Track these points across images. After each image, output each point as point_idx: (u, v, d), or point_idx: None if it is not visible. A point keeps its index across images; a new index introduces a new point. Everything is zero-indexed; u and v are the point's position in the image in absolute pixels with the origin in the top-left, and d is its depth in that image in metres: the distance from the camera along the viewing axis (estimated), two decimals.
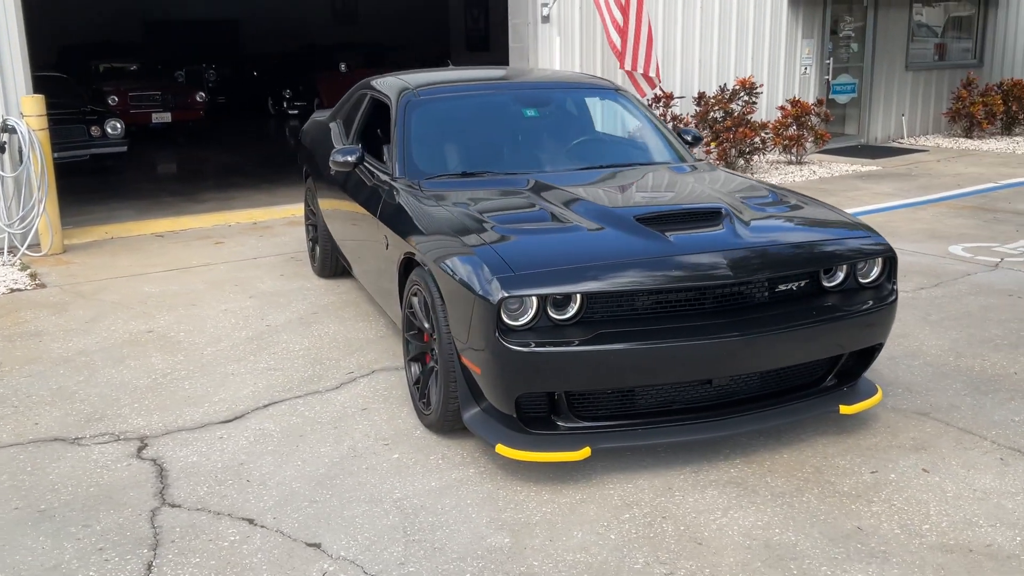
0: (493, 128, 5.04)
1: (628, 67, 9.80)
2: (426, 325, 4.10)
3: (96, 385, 4.75)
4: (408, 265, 4.25)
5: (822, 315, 3.69)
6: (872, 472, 3.68)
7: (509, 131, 5.05)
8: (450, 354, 3.74)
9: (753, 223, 3.89)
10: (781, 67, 12.33)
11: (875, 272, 3.93)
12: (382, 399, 4.49)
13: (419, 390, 4.19)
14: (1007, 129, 14.27)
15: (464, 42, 19.11)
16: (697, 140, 5.44)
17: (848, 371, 3.98)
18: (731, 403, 3.77)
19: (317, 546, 3.23)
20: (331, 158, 4.92)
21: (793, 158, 11.78)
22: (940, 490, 3.54)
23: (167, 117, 15.43)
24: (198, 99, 15.94)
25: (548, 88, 5.37)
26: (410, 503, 3.51)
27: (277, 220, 8.87)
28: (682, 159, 5.08)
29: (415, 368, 4.29)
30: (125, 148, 11.49)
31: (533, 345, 3.39)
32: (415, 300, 4.15)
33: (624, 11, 9.59)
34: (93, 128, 11.13)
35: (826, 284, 3.85)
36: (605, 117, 5.29)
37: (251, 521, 3.40)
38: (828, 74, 12.93)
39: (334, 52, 19.49)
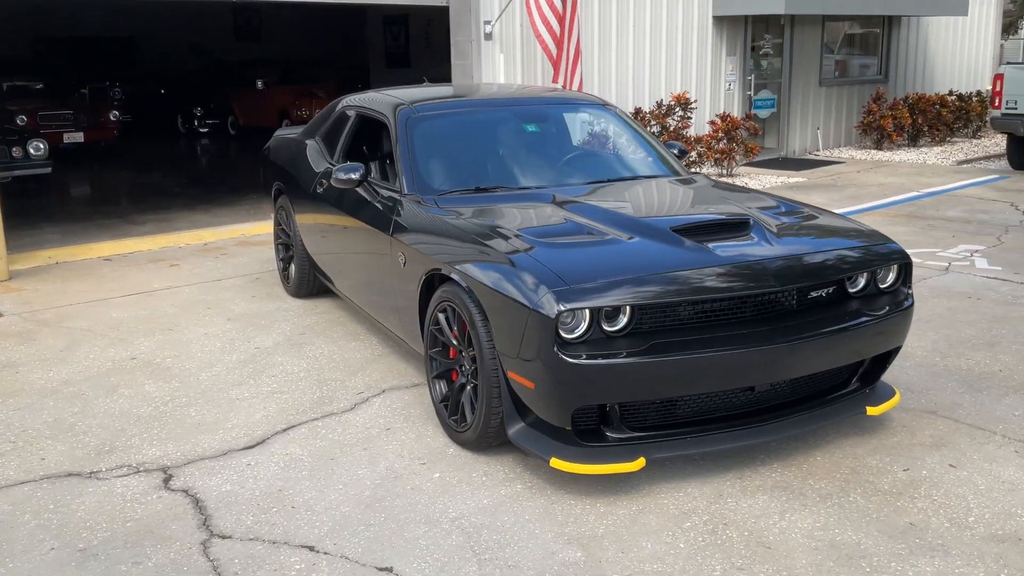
0: (497, 144, 5.04)
1: (560, 81, 9.92)
2: (454, 342, 4.07)
3: (94, 416, 4.54)
4: (432, 282, 4.22)
5: (853, 320, 3.82)
6: (905, 470, 3.83)
7: (513, 146, 5.07)
8: (494, 370, 3.72)
9: (781, 233, 4.01)
10: (708, 83, 12.70)
11: (891, 277, 4.10)
12: (403, 418, 4.43)
13: (448, 407, 4.15)
14: (913, 141, 15.02)
15: (384, 58, 19.00)
16: (683, 153, 5.57)
17: (868, 374, 4.13)
18: (766, 409, 3.86)
19: (389, 570, 3.17)
20: (333, 176, 4.84)
21: (724, 171, 12.12)
22: (972, 484, 3.70)
23: (79, 137, 14.84)
24: (111, 118, 15.39)
25: (542, 104, 5.41)
26: (468, 522, 3.47)
27: (227, 241, 8.64)
28: (677, 172, 5.19)
29: (440, 385, 4.25)
30: (49, 169, 11.00)
31: (592, 358, 3.40)
32: (442, 317, 4.12)
33: (561, 22, 9.71)
34: (15, 149, 10.62)
35: (850, 290, 3.99)
36: (600, 132, 5.36)
37: (312, 548, 3.31)
38: (750, 90, 13.38)
39: (246, 69, 19.12)
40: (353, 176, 4.81)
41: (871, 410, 4.01)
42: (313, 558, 3.25)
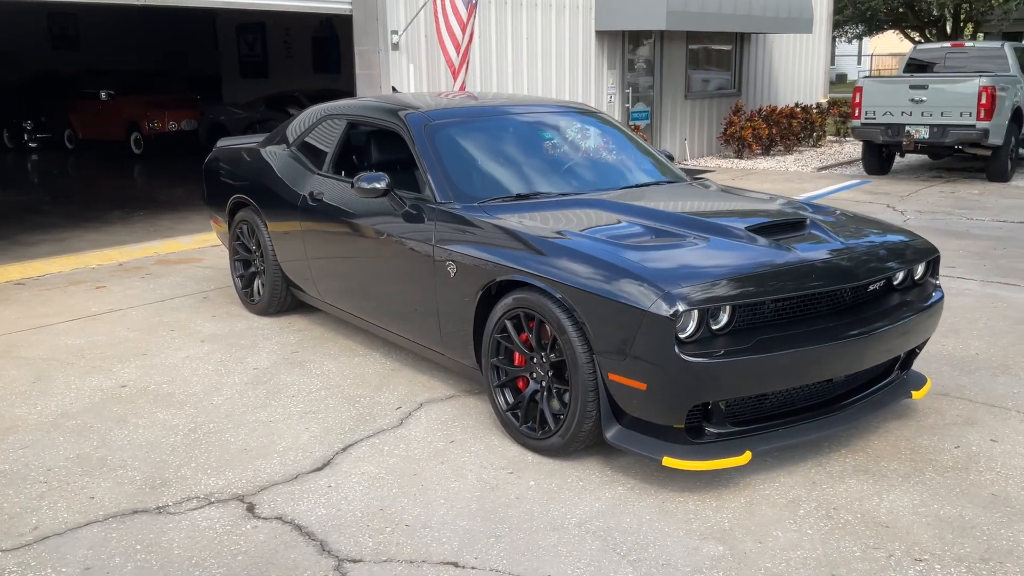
0: (519, 151, 5.03)
1: (456, 86, 9.96)
2: (526, 350, 4.05)
3: (119, 448, 4.19)
4: (490, 291, 4.17)
5: (910, 310, 4.09)
6: (956, 447, 4.13)
7: (534, 153, 5.07)
8: (590, 374, 3.73)
9: (838, 231, 4.23)
10: (592, 95, 13.08)
11: (920, 270, 4.41)
12: (459, 430, 4.35)
13: (519, 416, 4.12)
14: (766, 150, 16.02)
15: (238, 68, 18.30)
16: (671, 159, 5.76)
17: (905, 362, 4.43)
18: (833, 400, 4.07)
19: None
20: (356, 185, 4.68)
21: None
22: (1021, 456, 4.05)
23: None
24: None
25: (546, 112, 5.44)
26: (594, 526, 3.47)
27: (143, 260, 8.12)
28: (680, 176, 5.36)
29: (506, 394, 4.21)
30: None
31: (710, 356, 3.49)
32: (510, 324, 4.08)
33: (463, 29, 9.75)
34: None
35: (894, 283, 4.27)
36: (606, 139, 5.45)
37: (455, 564, 3.21)
38: (628, 102, 13.87)
39: (82, 80, 17.91)
40: (378, 185, 4.67)
41: (915, 394, 4.31)
42: (462, 573, 3.15)
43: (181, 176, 14.08)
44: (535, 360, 4.06)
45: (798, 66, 18.38)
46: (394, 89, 7.60)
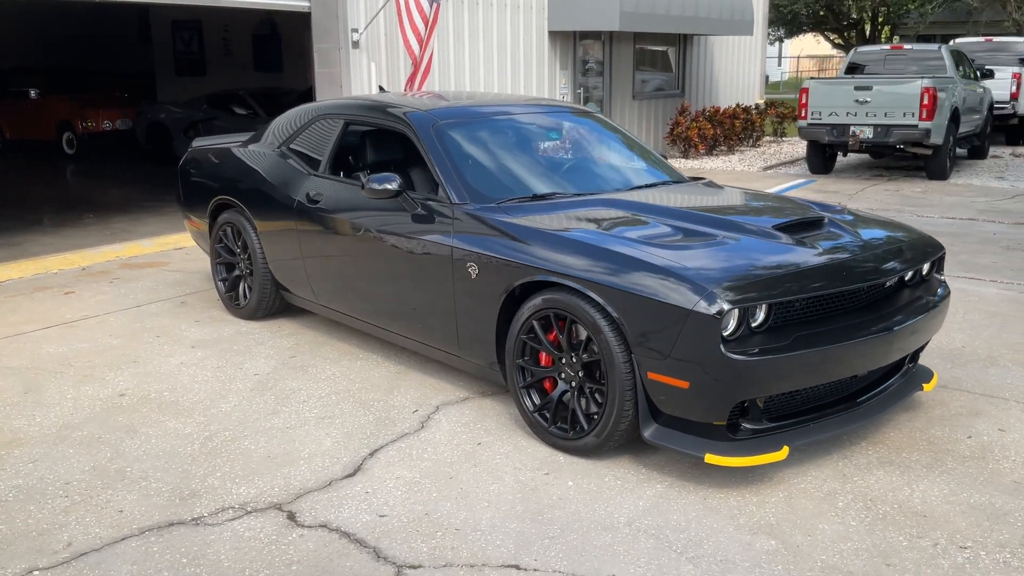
0: (528, 151, 5.02)
1: (416, 84, 9.91)
2: (555, 350, 4.05)
3: (135, 460, 4.05)
4: (513, 292, 4.16)
5: (927, 305, 4.22)
6: (968, 437, 4.27)
7: (554, 155, 5.07)
8: (627, 373, 3.75)
9: (854, 229, 4.33)
10: (546, 95, 13.12)
11: (926, 267, 4.54)
12: (484, 431, 4.33)
13: (548, 416, 4.12)
14: (710, 150, 16.30)
15: (173, 66, 17.82)
16: (665, 158, 5.82)
17: (913, 356, 4.55)
18: (853, 394, 4.16)
19: None
20: (367, 186, 4.61)
21: None
22: None
23: None
24: None
25: (544, 112, 5.44)
26: (644, 524, 3.49)
27: (106, 264, 7.86)
28: (681, 176, 5.42)
29: (532, 395, 4.20)
30: None
31: (753, 354, 3.54)
32: (537, 324, 4.08)
33: (426, 25, 9.69)
34: None
35: (905, 279, 4.39)
36: (607, 139, 5.48)
37: (516, 567, 3.19)
38: (580, 102, 13.96)
39: (8, 78, 17.23)
40: (390, 186, 4.61)
41: (926, 387, 4.44)
42: None
43: (121, 177, 13.68)
44: (563, 360, 4.06)
45: (736, 68, 18.75)
46: (381, 89, 7.51)
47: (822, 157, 13.63)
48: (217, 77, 16.96)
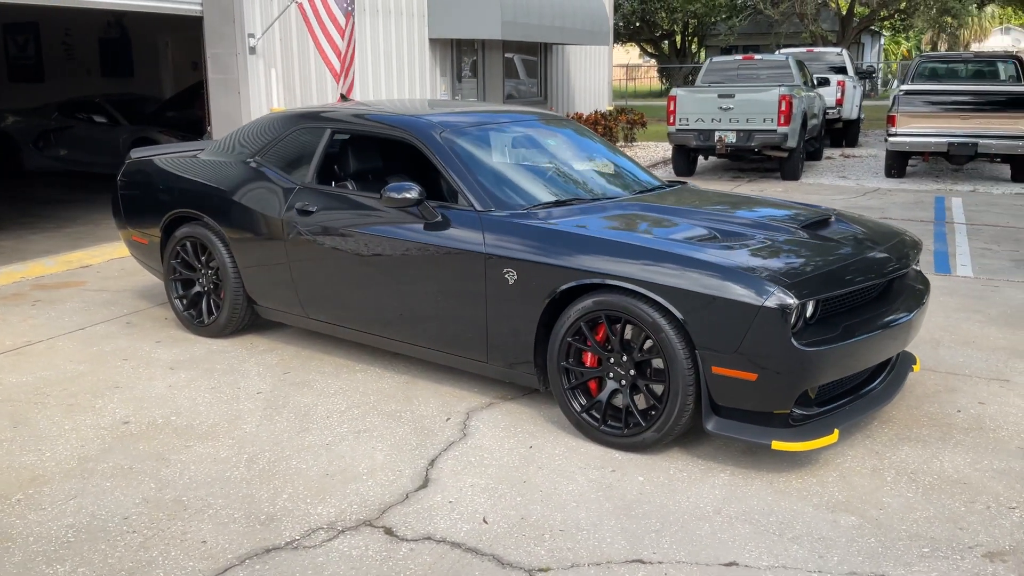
0: (531, 159, 5.10)
1: (343, 90, 9.79)
2: (604, 352, 4.18)
3: (185, 488, 3.85)
4: (555, 296, 4.25)
5: (925, 295, 4.63)
6: (958, 411, 4.73)
7: (548, 160, 5.15)
8: (689, 369, 3.93)
9: (857, 227, 4.69)
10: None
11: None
12: (528, 435, 4.39)
13: (597, 416, 4.23)
14: None
15: (5, 71, 16.52)
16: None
17: None
18: (868, 379, 4.52)
19: (735, 564, 3.29)
20: (386, 195, 4.57)
21: None
22: (1013, 412, 4.68)
23: None
24: None
25: (535, 120, 5.52)
26: (731, 511, 3.67)
27: (15, 286, 7.30)
28: (675, 182, 5.66)
29: (579, 396, 4.31)
30: None
31: (818, 344, 3.80)
32: (584, 326, 4.19)
33: (342, 33, 9.57)
34: None
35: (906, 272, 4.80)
36: (596, 147, 5.63)
37: (641, 561, 3.30)
38: None
39: None
40: (409, 195, 4.59)
41: (915, 368, 4.87)
42: (654, 569, 3.25)
43: None
44: (612, 360, 4.18)
45: (589, 76, 19.39)
46: (343, 97, 7.34)
47: (686, 160, 14.37)
48: (58, 83, 15.90)
